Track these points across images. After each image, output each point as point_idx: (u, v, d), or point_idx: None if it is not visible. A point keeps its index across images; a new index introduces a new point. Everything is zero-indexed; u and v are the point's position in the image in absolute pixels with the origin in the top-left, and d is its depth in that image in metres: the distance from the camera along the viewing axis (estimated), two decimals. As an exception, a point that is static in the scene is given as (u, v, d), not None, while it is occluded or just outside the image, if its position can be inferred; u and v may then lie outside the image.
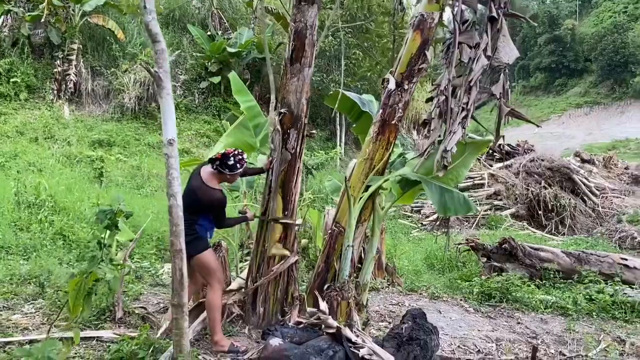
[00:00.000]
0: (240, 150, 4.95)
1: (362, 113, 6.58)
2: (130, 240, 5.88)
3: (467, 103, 5.40)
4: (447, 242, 9.59)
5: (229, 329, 5.26)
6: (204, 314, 5.07)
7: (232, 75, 7.36)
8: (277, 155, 5.25)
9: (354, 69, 21.95)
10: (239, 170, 4.84)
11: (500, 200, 15.99)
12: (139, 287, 6.49)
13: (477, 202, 15.25)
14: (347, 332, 4.27)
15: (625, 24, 62.58)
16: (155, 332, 4.86)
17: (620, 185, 17.44)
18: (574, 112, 60.33)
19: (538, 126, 6.68)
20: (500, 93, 5.56)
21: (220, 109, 21.06)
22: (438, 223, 13.58)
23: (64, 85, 18.50)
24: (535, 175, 16.04)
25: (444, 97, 5.33)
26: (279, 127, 5.20)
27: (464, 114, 5.40)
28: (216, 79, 21.00)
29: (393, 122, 5.40)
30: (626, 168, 20.38)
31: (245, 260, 7.90)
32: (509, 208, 15.60)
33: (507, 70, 5.67)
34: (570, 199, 15.28)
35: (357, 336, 4.29)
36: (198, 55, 21.89)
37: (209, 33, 22.30)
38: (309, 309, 4.78)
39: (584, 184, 16.17)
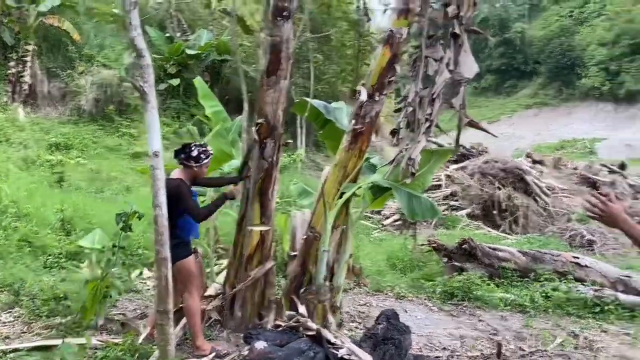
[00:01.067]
0: (201, 143, 5.06)
1: (327, 121, 6.76)
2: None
3: (430, 114, 5.69)
4: (414, 243, 9.91)
5: (207, 333, 5.39)
6: (185, 320, 5.19)
7: (198, 81, 7.47)
8: (254, 164, 5.42)
9: (316, 72, 22.17)
10: (205, 161, 4.90)
11: (457, 200, 16.45)
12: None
13: (435, 203, 15.64)
14: (326, 333, 4.48)
15: (572, 28, 64.58)
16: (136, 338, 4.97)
17: (570, 185, 18.19)
18: (524, 113, 61.82)
19: (495, 136, 7.05)
20: (460, 105, 5.88)
21: (180, 111, 20.96)
22: (402, 224, 13.90)
23: (19, 87, 18.14)
24: (490, 177, 16.53)
25: (411, 108, 5.61)
26: (256, 136, 5.37)
27: (427, 124, 5.69)
28: (175, 81, 20.85)
29: (365, 132, 5.64)
30: (575, 168, 21.20)
31: (216, 265, 8.01)
32: (465, 208, 16.05)
33: (467, 84, 5.99)
34: (523, 199, 15.86)
35: (336, 337, 4.51)
36: (156, 57, 21.69)
37: (167, 34, 22.15)
38: (287, 312, 4.97)
39: (536, 185, 16.80)
